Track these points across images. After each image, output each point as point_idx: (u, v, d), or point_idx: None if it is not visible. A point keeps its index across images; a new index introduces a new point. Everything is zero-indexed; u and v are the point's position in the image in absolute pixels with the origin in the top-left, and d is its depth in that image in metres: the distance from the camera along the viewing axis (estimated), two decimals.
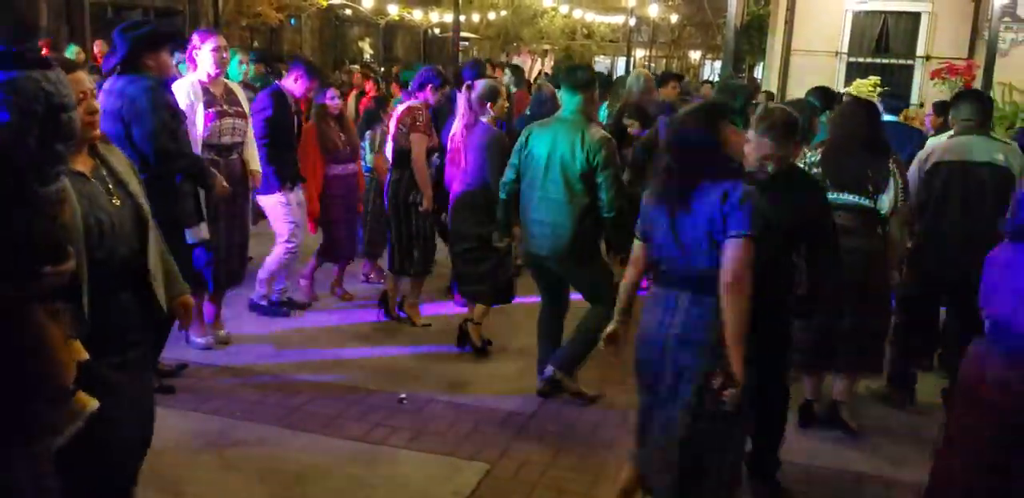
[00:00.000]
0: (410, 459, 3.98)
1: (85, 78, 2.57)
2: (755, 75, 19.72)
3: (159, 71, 4.29)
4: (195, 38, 4.90)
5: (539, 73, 22.11)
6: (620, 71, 29.68)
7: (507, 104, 5.94)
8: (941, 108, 6.89)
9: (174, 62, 5.08)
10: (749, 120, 3.77)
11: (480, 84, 5.34)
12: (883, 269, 4.34)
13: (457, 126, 5.33)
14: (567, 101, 4.59)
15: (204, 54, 4.83)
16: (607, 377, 4.84)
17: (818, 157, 4.34)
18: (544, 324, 4.86)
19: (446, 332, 5.60)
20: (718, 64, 20.03)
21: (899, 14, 13.20)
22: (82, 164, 2.52)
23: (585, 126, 4.48)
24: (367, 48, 25.92)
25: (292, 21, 22.60)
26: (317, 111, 6.05)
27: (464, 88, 5.36)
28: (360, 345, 5.47)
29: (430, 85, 5.59)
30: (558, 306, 4.85)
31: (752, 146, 3.47)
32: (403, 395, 4.66)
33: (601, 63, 32.40)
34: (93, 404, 2.19)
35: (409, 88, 5.85)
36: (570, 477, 3.89)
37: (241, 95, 5.12)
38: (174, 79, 4.82)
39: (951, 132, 4.94)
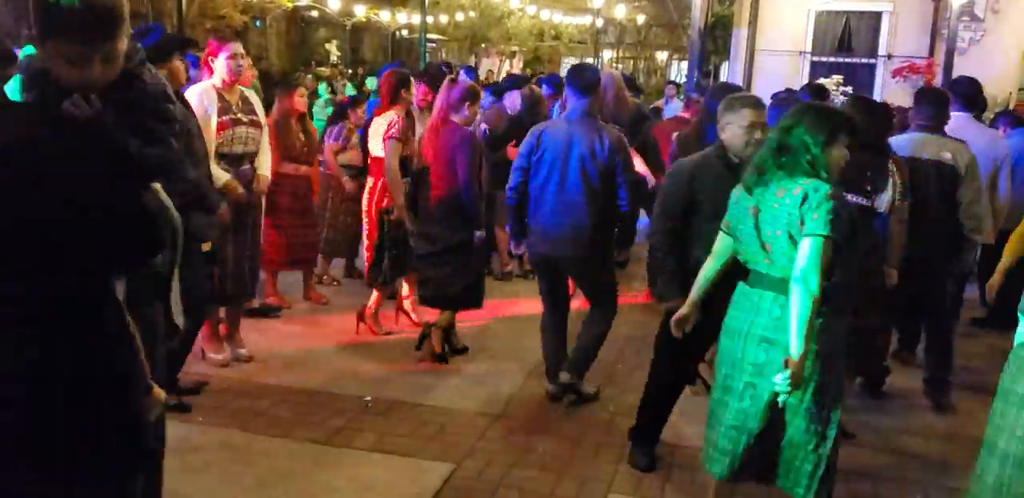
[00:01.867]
0: (375, 461, 3.98)
1: None
2: (720, 75, 19.85)
3: (170, 80, 4.05)
4: (211, 44, 4.79)
5: (507, 75, 22.09)
6: None
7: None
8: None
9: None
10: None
11: (463, 82, 5.26)
12: (879, 268, 4.37)
13: (427, 127, 5.24)
14: (575, 102, 4.54)
15: (220, 62, 4.72)
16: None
17: None
18: (550, 328, 4.80)
19: (412, 335, 5.61)
20: (685, 64, 20.15)
21: (861, 14, 13.35)
22: None
23: (601, 126, 4.50)
24: (334, 50, 25.78)
25: (257, 23, 22.46)
26: (281, 110, 6.01)
27: (447, 82, 5.26)
28: (325, 348, 5.45)
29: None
30: (562, 309, 4.81)
31: (741, 133, 3.63)
32: (368, 398, 4.65)
33: (568, 64, 32.46)
34: (163, 396, 2.27)
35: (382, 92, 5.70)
36: (534, 476, 3.90)
37: (257, 103, 4.98)
38: (186, 87, 4.72)
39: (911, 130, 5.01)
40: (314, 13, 23.91)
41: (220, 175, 4.61)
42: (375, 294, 5.69)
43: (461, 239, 5.09)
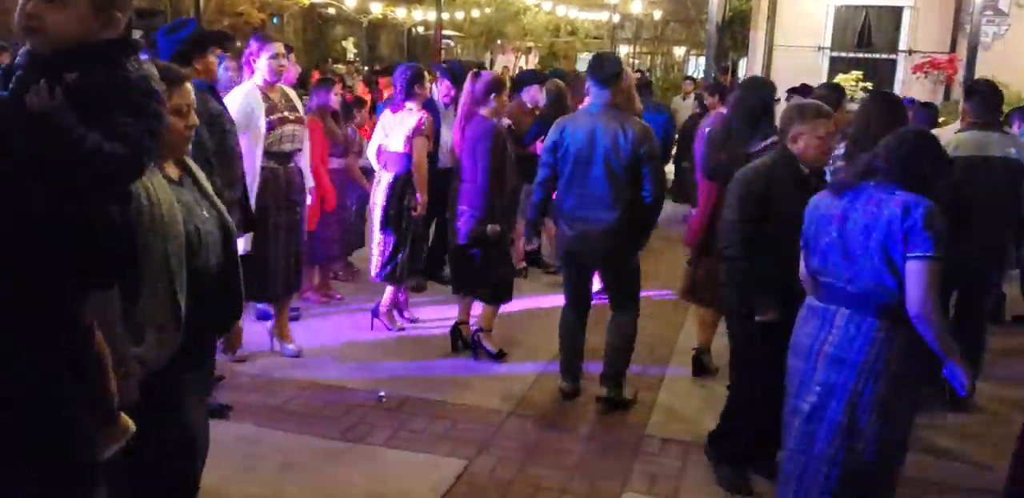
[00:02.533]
0: (388, 456, 3.97)
1: (190, 91, 2.53)
2: (738, 70, 19.73)
3: (205, 75, 4.05)
4: (252, 44, 4.76)
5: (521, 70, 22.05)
6: None
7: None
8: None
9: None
10: (776, 115, 3.73)
11: (486, 75, 5.24)
12: None
13: (458, 115, 5.23)
14: (596, 94, 4.47)
15: (262, 61, 4.70)
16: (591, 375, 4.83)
17: (842, 150, 4.31)
18: (569, 325, 4.75)
19: (426, 332, 5.60)
20: (702, 60, 20.05)
21: (881, 8, 13.21)
22: (173, 173, 2.51)
23: (625, 118, 4.43)
24: (350, 47, 25.79)
25: (275, 20, 22.53)
26: (319, 106, 6.04)
27: (471, 75, 5.23)
28: (339, 344, 5.44)
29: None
30: (584, 307, 4.75)
31: (817, 143, 3.53)
32: (382, 393, 4.63)
33: (586, 60, 32.38)
34: (132, 427, 2.21)
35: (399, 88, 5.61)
36: (547, 473, 3.88)
37: (297, 100, 4.99)
38: (226, 85, 4.71)
39: (956, 126, 4.95)
40: (331, 10, 23.94)
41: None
42: (388, 290, 5.68)
43: (489, 232, 5.06)
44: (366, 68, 19.52)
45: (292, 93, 4.99)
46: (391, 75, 6.13)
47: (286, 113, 4.79)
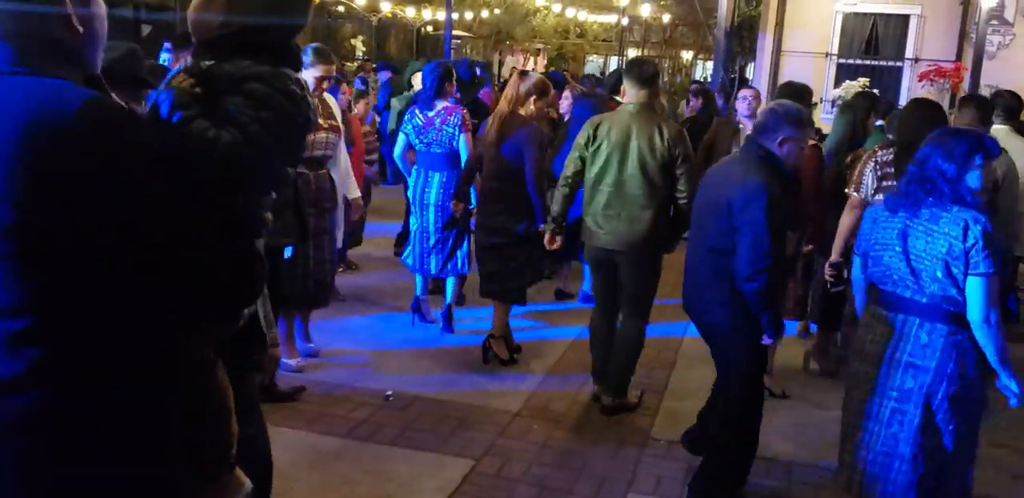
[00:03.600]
0: (395, 455, 4.02)
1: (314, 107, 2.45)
2: (746, 75, 19.77)
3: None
4: (308, 54, 4.80)
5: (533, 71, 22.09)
6: (612, 69, 29.68)
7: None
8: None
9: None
10: (808, 120, 3.75)
11: (533, 76, 5.25)
12: None
13: (493, 117, 5.24)
14: (633, 94, 4.50)
15: (309, 74, 4.79)
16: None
17: (891, 156, 4.36)
18: (599, 330, 4.75)
19: (432, 329, 5.66)
20: (710, 64, 20.08)
21: (888, 16, 13.25)
22: None
23: (660, 119, 4.47)
24: (360, 45, 25.86)
25: None
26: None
27: (517, 75, 5.26)
28: (346, 342, 5.49)
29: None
30: (613, 309, 4.74)
31: (798, 152, 3.61)
32: (389, 392, 4.69)
33: (594, 62, 32.43)
34: (248, 485, 2.01)
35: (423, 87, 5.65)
36: (553, 474, 3.93)
37: (335, 107, 5.05)
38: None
39: None
40: (340, 8, 23.99)
41: None
42: (452, 284, 5.76)
43: (526, 231, 5.08)
44: (374, 66, 19.54)
45: (332, 101, 5.05)
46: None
47: (320, 120, 4.85)
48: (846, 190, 4.62)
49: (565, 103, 7.03)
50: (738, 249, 3.43)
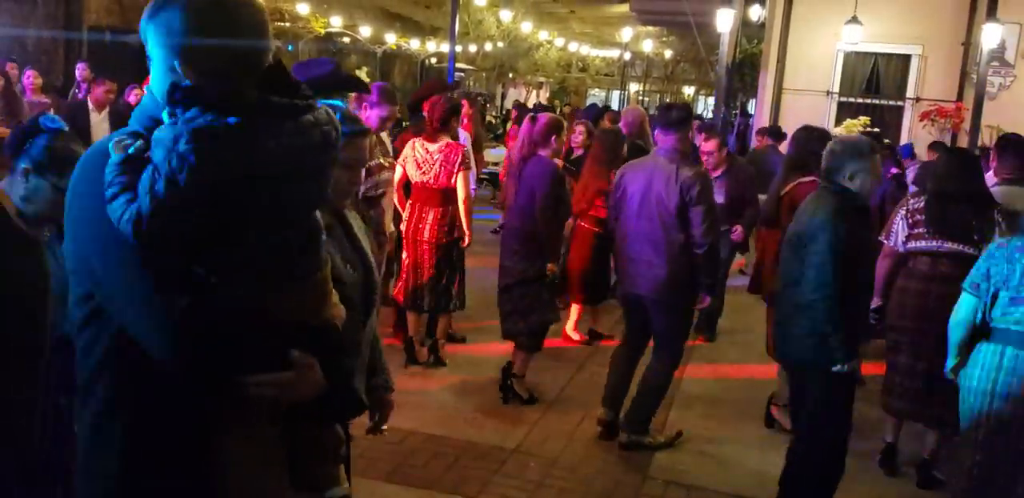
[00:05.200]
0: (389, 491, 3.96)
1: (366, 146, 2.39)
2: (748, 111, 19.90)
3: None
4: (375, 94, 4.81)
5: (535, 105, 22.25)
6: (614, 104, 29.91)
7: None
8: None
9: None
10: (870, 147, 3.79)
11: (545, 117, 5.28)
12: None
13: (513, 156, 5.27)
14: (662, 139, 4.57)
15: (372, 115, 4.78)
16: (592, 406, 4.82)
17: (920, 205, 4.37)
18: (621, 365, 4.75)
19: (428, 364, 5.62)
20: (711, 100, 20.21)
21: (889, 56, 13.34)
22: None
23: (679, 162, 4.48)
24: (364, 76, 26.08)
25: (290, 47, 22.74)
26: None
27: (528, 119, 5.31)
28: None
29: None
30: (638, 350, 4.77)
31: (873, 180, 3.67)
32: (384, 426, 4.61)
33: (596, 96, 32.66)
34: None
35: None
36: None
37: (389, 145, 5.07)
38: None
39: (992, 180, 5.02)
40: (346, 39, 24.19)
41: None
42: (442, 321, 5.72)
43: (537, 271, 5.08)
44: None
45: (385, 137, 5.09)
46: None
47: (381, 159, 4.87)
48: (879, 238, 4.58)
49: (579, 138, 7.12)
50: (805, 276, 3.50)
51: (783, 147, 8.47)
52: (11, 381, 2.55)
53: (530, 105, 21.41)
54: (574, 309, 6.50)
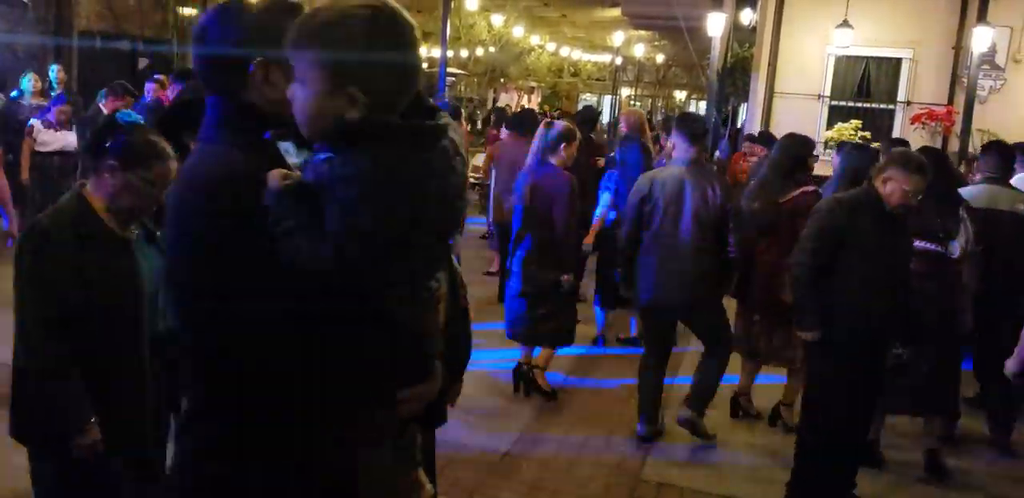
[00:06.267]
0: None
1: None
2: (739, 116, 19.92)
3: None
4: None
5: (520, 109, 22.28)
6: (605, 109, 29.94)
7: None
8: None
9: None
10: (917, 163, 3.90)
11: (559, 125, 5.27)
12: (954, 312, 4.39)
13: (527, 165, 5.26)
14: (685, 149, 4.60)
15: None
16: (594, 420, 4.79)
17: None
18: (649, 372, 4.77)
19: None
20: (703, 104, 20.24)
21: (880, 59, 13.38)
22: None
23: (713, 174, 4.68)
24: None
25: None
26: None
27: (543, 125, 5.30)
28: None
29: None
30: (665, 356, 4.82)
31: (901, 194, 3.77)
32: None
33: (587, 101, 32.69)
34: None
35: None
36: None
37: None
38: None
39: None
40: None
41: None
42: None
43: (555, 280, 5.08)
44: None
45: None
46: None
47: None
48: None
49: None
50: None
51: None
52: (121, 383, 2.60)
53: (518, 109, 21.40)
54: None
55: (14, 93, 9.31)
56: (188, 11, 18.17)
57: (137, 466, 2.70)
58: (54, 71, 9.42)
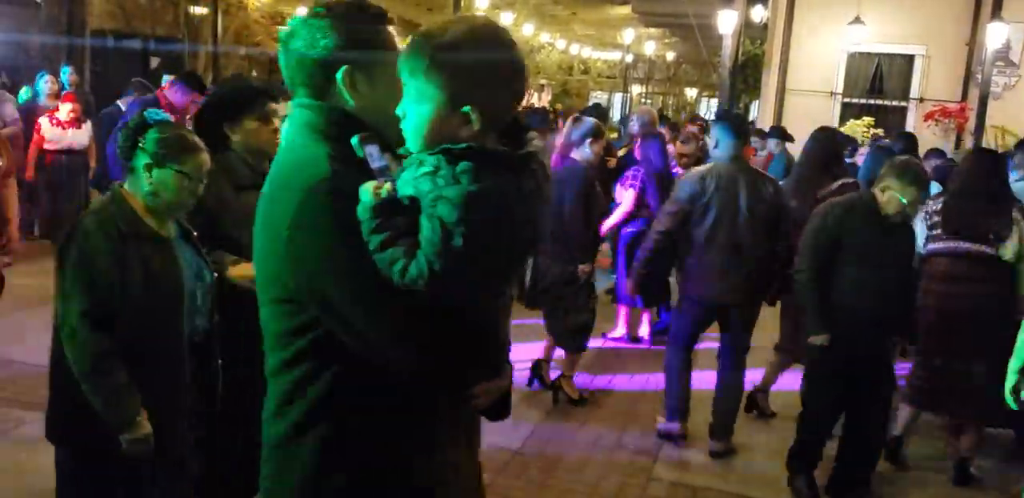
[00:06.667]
0: None
1: None
2: (750, 113, 19.86)
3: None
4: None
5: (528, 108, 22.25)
6: (616, 106, 29.88)
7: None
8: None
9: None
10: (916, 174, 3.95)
11: (585, 121, 5.22)
12: (1011, 316, 4.25)
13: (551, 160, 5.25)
14: (732, 145, 4.52)
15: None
16: (607, 418, 4.77)
17: (939, 206, 4.39)
18: (678, 366, 4.74)
19: None
20: (714, 101, 20.18)
21: (893, 56, 13.32)
22: None
23: (759, 171, 4.68)
24: None
25: None
26: None
27: (571, 119, 5.27)
28: None
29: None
30: (691, 351, 4.79)
31: (897, 204, 3.84)
32: None
33: (597, 98, 32.64)
34: None
35: None
36: None
37: None
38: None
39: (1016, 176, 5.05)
40: None
41: None
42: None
43: (571, 274, 5.06)
44: None
45: None
46: None
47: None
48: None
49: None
50: None
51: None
52: (161, 382, 2.59)
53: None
54: None
55: (24, 94, 9.35)
56: (199, 10, 18.23)
57: (172, 466, 2.68)
58: (66, 73, 9.45)
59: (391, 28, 1.71)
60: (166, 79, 8.24)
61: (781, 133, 9.56)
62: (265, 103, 3.06)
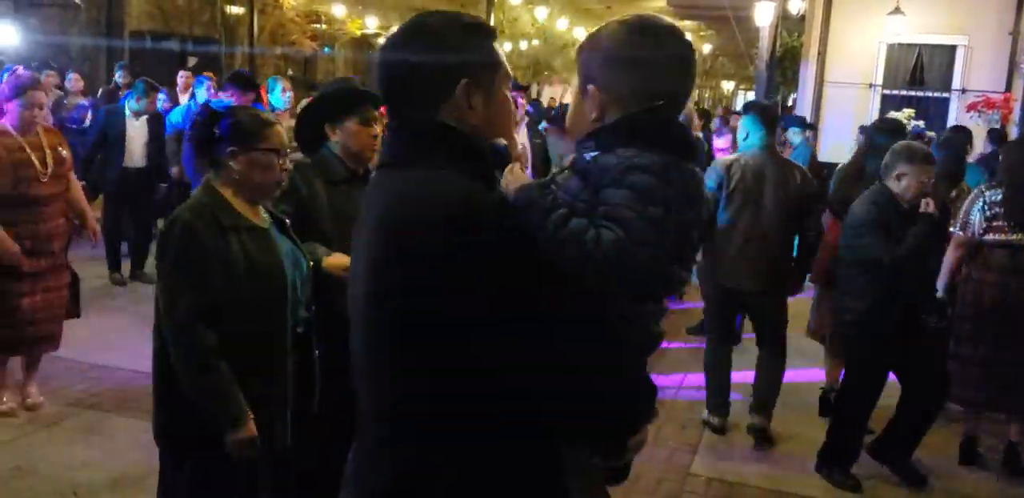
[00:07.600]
0: None
1: None
2: (788, 105, 19.65)
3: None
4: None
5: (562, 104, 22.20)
6: None
7: None
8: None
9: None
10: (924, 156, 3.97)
11: None
12: None
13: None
14: (762, 135, 4.55)
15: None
16: None
17: (998, 197, 4.28)
18: (718, 359, 4.78)
19: None
20: (751, 94, 19.99)
21: (934, 47, 13.08)
22: None
23: (787, 160, 4.73)
24: None
25: (327, 50, 22.90)
26: None
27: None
28: None
29: None
30: (729, 344, 4.84)
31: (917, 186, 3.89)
32: None
33: None
34: None
35: None
36: None
37: None
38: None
39: None
40: (381, 40, 24.34)
41: None
42: None
43: None
44: None
45: None
46: None
47: None
48: (950, 228, 4.48)
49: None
50: None
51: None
52: (265, 376, 2.56)
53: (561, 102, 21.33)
54: None
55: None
56: (235, 10, 18.39)
57: (277, 459, 2.65)
58: (70, 79, 9.50)
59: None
60: (205, 80, 8.22)
61: (802, 122, 9.42)
62: (368, 107, 3.07)
